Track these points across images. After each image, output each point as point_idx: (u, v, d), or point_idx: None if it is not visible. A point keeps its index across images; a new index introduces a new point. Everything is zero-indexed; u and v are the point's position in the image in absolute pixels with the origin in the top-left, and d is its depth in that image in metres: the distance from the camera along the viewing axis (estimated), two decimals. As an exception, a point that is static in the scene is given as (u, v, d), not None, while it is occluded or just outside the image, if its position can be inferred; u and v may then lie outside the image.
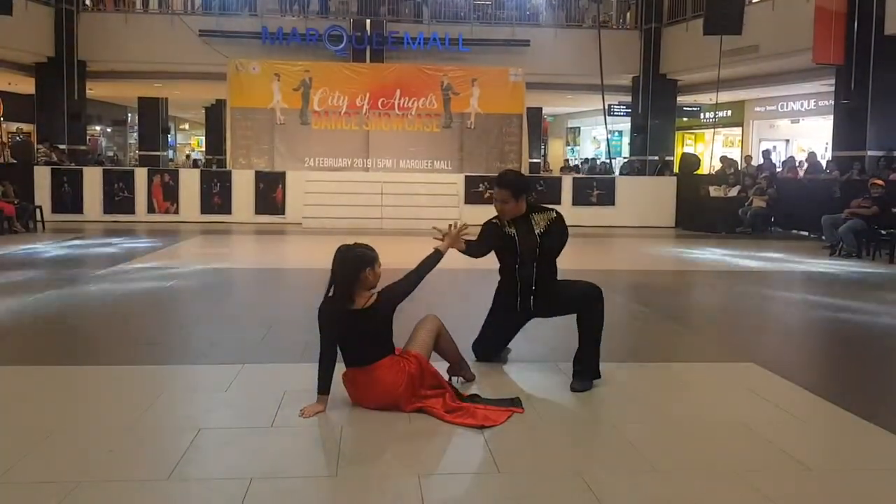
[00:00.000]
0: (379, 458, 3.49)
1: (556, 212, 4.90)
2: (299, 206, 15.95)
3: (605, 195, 16.97)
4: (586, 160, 26.29)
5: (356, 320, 3.97)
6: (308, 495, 3.08)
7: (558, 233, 4.82)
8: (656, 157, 21.28)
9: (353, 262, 3.99)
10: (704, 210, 16.09)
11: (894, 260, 11.08)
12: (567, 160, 29.46)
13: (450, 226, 4.67)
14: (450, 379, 4.44)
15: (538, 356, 5.22)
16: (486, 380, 4.58)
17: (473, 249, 4.79)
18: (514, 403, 4.08)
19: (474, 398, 4.11)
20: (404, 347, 4.19)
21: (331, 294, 4.00)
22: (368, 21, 20.13)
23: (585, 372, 4.56)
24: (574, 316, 4.65)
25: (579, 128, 34.88)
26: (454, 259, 4.74)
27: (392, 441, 3.65)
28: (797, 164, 18.82)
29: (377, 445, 3.61)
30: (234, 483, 3.12)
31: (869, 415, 4.06)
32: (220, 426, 3.79)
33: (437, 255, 4.37)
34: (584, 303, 4.63)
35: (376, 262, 4.05)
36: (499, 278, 4.98)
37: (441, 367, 4.40)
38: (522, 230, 4.78)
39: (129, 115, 32.79)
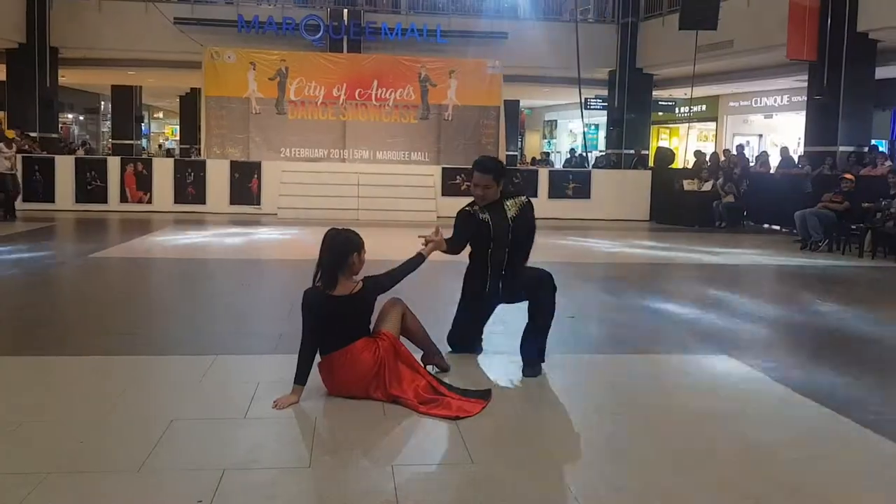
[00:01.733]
0: (353, 448, 3.49)
1: (527, 198, 5.00)
2: (275, 196, 15.86)
3: (581, 188, 17.04)
4: (572, 151, 26.22)
5: (341, 305, 4.02)
6: (282, 486, 3.07)
7: (530, 218, 4.92)
8: (632, 151, 21.41)
9: (342, 246, 4.05)
10: (678, 204, 16.21)
11: (863, 254, 11.24)
12: (546, 153, 29.54)
13: (435, 230, 4.69)
14: (425, 367, 4.45)
15: (513, 348, 5.24)
16: (460, 370, 4.59)
17: (454, 246, 4.83)
18: (486, 396, 4.10)
19: (449, 387, 4.13)
20: (373, 329, 4.23)
21: (318, 279, 4.04)
22: (346, 11, 20.01)
23: (537, 357, 4.70)
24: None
25: (556, 121, 34.99)
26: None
27: (366, 432, 3.66)
28: (752, 159, 18.96)
29: (351, 436, 3.61)
30: (207, 474, 3.11)
31: (838, 406, 4.13)
32: (193, 417, 3.77)
33: (420, 259, 4.50)
34: (541, 288, 4.73)
35: (362, 248, 4.13)
36: (466, 265, 5.01)
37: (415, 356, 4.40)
38: (496, 216, 4.83)
39: (103, 103, 32.40)
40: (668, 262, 10.62)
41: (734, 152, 18.50)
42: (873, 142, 16.29)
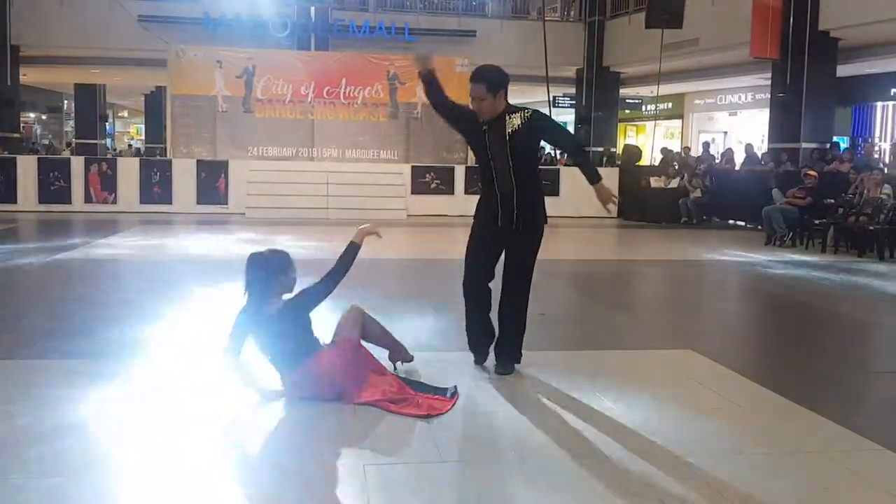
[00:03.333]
0: (323, 447, 3.48)
1: (534, 110, 4.47)
2: (243, 195, 15.73)
3: (549, 186, 17.10)
4: (542, 148, 26.37)
5: (274, 324, 3.94)
6: (252, 486, 3.06)
7: (534, 130, 4.40)
8: (601, 149, 21.54)
9: (268, 268, 3.97)
10: (646, 201, 16.36)
11: (826, 249, 11.44)
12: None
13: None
14: (394, 368, 4.45)
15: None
16: (431, 368, 4.59)
17: (438, 92, 4.56)
18: (452, 393, 4.10)
19: (416, 385, 4.14)
20: (332, 339, 4.18)
21: (246, 301, 3.97)
22: (313, 8, 19.90)
23: (512, 356, 4.65)
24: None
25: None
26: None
27: (337, 431, 3.65)
28: (717, 156, 19.20)
29: (322, 435, 3.60)
30: (174, 477, 3.08)
31: (803, 399, 4.20)
32: (162, 422, 3.73)
33: (353, 248, 4.24)
34: (521, 276, 4.61)
35: (291, 267, 4.03)
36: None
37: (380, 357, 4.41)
38: (496, 134, 4.37)
39: (66, 101, 31.90)
40: (634, 259, 10.72)
41: (700, 150, 18.71)
42: (835, 138, 16.58)
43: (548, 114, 4.38)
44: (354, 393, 3.95)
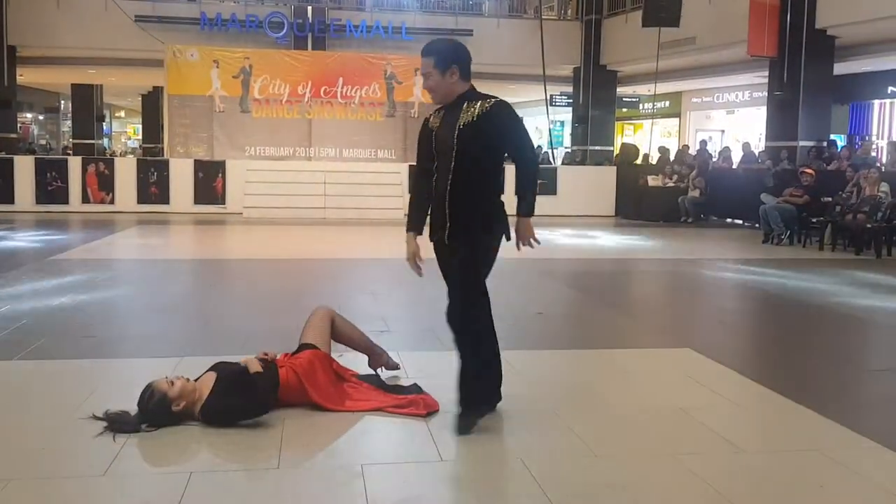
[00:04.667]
0: (321, 449, 3.48)
1: (499, 100, 3.65)
2: (240, 195, 15.72)
3: (547, 184, 17.12)
4: (538, 147, 26.33)
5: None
6: (250, 488, 3.06)
7: (490, 123, 3.53)
8: (598, 147, 21.59)
9: (158, 411, 3.58)
10: (643, 199, 16.38)
11: (824, 247, 11.45)
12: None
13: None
14: (376, 375, 4.35)
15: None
16: (428, 368, 4.59)
17: (426, 208, 3.77)
18: (418, 389, 4.09)
19: (400, 389, 4.13)
20: (299, 343, 4.07)
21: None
22: (310, 8, 19.88)
23: (468, 401, 3.62)
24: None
25: (522, 118, 35.04)
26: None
27: (334, 432, 3.64)
28: (715, 154, 19.22)
29: (319, 437, 3.60)
30: (174, 477, 3.08)
31: (800, 397, 4.20)
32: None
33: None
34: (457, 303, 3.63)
35: (169, 396, 3.57)
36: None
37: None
38: (447, 122, 3.61)
39: (63, 102, 31.85)
40: (633, 258, 10.72)
41: (697, 147, 18.73)
42: (832, 136, 16.60)
43: (513, 110, 3.66)
44: (345, 398, 3.92)
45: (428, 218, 3.76)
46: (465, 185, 3.56)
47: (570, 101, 23.77)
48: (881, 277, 8.95)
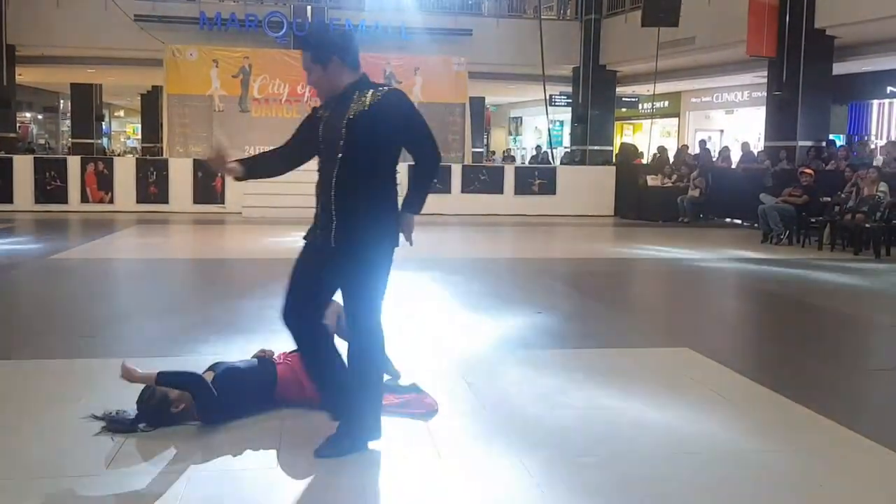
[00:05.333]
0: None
1: (392, 90, 3.41)
2: (240, 195, 15.70)
3: (547, 184, 17.14)
4: (538, 147, 26.34)
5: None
6: (249, 487, 3.06)
7: (381, 116, 3.24)
8: (597, 147, 21.62)
9: (158, 412, 3.61)
10: (643, 199, 16.38)
11: (823, 246, 11.46)
12: (507, 149, 29.66)
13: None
14: None
15: (480, 343, 5.27)
16: (427, 367, 4.59)
17: (267, 159, 3.68)
18: (417, 389, 4.09)
19: (402, 388, 4.13)
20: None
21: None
22: (309, 7, 19.88)
23: (343, 427, 3.37)
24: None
25: (521, 118, 35.12)
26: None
27: (331, 432, 3.64)
28: (714, 154, 19.21)
29: (318, 436, 3.59)
30: (173, 476, 3.08)
31: (799, 397, 4.20)
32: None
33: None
34: (352, 317, 3.35)
35: (170, 397, 3.60)
36: None
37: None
38: (335, 116, 3.33)
39: (62, 101, 31.85)
40: (631, 258, 10.73)
41: (696, 148, 18.74)
42: (831, 136, 16.61)
43: (408, 100, 3.39)
44: None
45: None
46: (354, 181, 3.26)
47: (570, 100, 23.79)
48: (880, 278, 8.96)
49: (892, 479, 3.26)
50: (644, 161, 18.64)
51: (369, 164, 3.28)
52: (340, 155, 3.25)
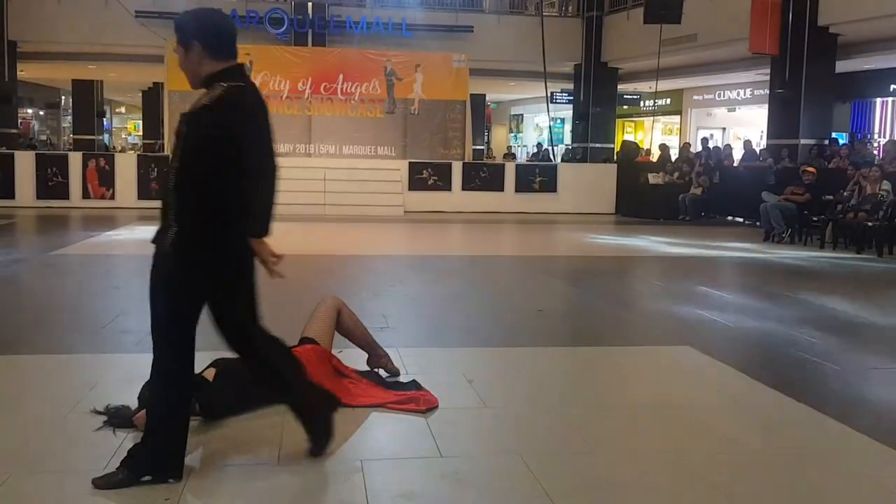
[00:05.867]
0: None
1: (235, 85, 3.07)
2: (240, 191, 15.68)
3: (547, 182, 17.12)
4: (539, 145, 26.36)
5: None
6: (250, 483, 3.05)
7: (218, 117, 2.97)
8: (598, 145, 21.59)
9: None
10: (644, 197, 16.36)
11: (825, 245, 11.44)
12: (508, 147, 29.67)
13: None
14: (375, 372, 4.33)
15: (481, 341, 5.26)
16: (427, 364, 4.58)
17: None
18: (417, 386, 4.09)
19: (399, 385, 4.13)
20: (301, 335, 4.07)
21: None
22: (310, 4, 19.86)
23: (135, 459, 2.97)
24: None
25: (522, 115, 35.10)
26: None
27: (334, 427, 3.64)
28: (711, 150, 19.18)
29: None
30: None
31: (800, 395, 4.20)
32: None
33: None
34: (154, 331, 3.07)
35: None
36: None
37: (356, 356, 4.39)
38: (187, 113, 3.07)
39: (63, 97, 31.84)
40: (633, 255, 10.71)
41: (699, 147, 18.71)
42: (834, 134, 16.58)
43: (247, 102, 3.08)
44: (344, 393, 3.92)
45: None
46: (191, 185, 2.94)
47: (571, 98, 23.75)
48: (883, 277, 8.94)
49: (893, 477, 3.25)
50: (652, 158, 18.60)
51: (202, 168, 2.93)
52: (179, 153, 2.95)
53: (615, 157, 19.84)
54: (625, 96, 24.93)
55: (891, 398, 4.48)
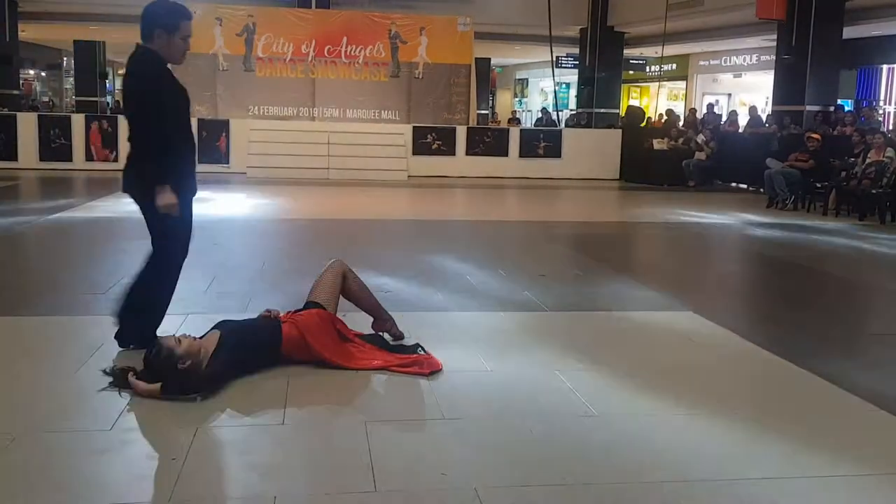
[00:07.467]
0: (326, 406, 3.52)
1: (136, 46, 4.15)
2: (244, 155, 15.67)
3: (552, 147, 17.05)
4: (544, 109, 26.14)
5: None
6: (255, 443, 3.10)
7: (126, 76, 4.12)
8: (603, 110, 21.43)
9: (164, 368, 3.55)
10: (648, 163, 16.29)
11: (828, 212, 11.43)
12: (513, 112, 29.46)
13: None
14: (379, 335, 4.35)
15: (485, 305, 5.29)
16: (429, 328, 4.61)
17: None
18: (421, 349, 4.13)
19: (404, 348, 4.17)
20: (306, 301, 4.11)
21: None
22: (314, -35, 19.62)
23: (124, 328, 4.06)
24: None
25: (527, 79, 34.82)
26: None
27: (337, 390, 3.68)
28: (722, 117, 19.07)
29: (323, 395, 3.63)
30: (180, 432, 3.12)
31: (803, 361, 4.22)
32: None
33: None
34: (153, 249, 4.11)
35: (177, 353, 3.56)
36: None
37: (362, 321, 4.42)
38: None
39: (65, 59, 31.62)
40: (636, 221, 10.71)
41: (703, 110, 18.58)
42: (839, 101, 16.46)
43: (138, 61, 4.12)
44: (348, 356, 3.95)
45: None
46: (131, 138, 3.87)
47: (577, 62, 23.54)
48: (885, 244, 8.94)
49: (892, 441, 3.28)
50: (662, 123, 18.47)
51: (129, 119, 3.93)
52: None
53: (619, 123, 19.73)
54: (630, 61, 24.70)
55: (893, 363, 4.51)
